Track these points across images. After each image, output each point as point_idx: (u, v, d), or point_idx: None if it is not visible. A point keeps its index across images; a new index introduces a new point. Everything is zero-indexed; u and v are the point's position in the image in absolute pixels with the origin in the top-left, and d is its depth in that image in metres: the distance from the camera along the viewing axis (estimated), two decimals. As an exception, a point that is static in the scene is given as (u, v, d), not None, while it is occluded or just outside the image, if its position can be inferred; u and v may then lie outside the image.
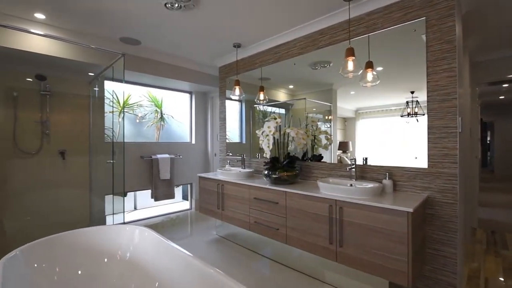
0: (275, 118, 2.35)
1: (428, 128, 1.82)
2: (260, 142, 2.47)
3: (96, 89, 3.19)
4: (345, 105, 2.35)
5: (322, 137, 2.49)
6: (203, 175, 2.99)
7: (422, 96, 1.86)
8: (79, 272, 1.46)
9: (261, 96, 2.92)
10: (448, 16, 1.73)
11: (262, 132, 2.44)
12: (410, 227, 1.45)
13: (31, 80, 2.77)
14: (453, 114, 1.72)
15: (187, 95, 4.36)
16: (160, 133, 4.20)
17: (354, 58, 1.86)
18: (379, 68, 2.05)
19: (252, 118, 3.29)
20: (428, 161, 1.82)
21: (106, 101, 3.33)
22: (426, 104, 1.84)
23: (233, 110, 3.54)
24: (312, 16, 2.32)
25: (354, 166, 2.06)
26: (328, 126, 2.45)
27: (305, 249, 1.97)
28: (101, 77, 3.08)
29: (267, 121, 2.40)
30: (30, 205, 2.73)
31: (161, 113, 4.18)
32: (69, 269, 1.46)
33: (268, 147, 2.29)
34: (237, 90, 2.90)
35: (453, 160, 1.72)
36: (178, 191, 4.47)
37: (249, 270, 2.28)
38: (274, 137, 2.34)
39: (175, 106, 4.32)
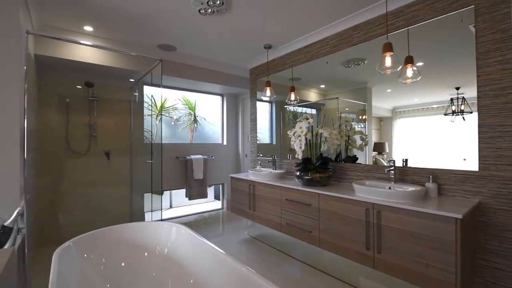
0: (307, 118, 2.31)
1: (479, 127, 1.66)
2: (291, 142, 2.45)
3: (136, 94, 3.41)
4: (381, 104, 2.23)
5: (357, 137, 2.40)
6: (235, 175, 3.04)
7: (469, 92, 1.70)
8: (123, 264, 1.58)
9: (292, 97, 2.90)
10: (501, 2, 1.56)
11: (294, 133, 2.42)
12: (459, 235, 1.33)
13: (80, 87, 3.05)
14: (509, 111, 1.55)
15: (219, 98, 4.48)
16: (193, 134, 4.37)
17: (392, 53, 1.76)
18: (420, 64, 1.91)
19: (283, 119, 3.28)
20: (479, 163, 1.65)
21: (145, 105, 3.55)
22: (475, 101, 1.67)
23: (263, 111, 3.56)
24: (346, 12, 2.25)
25: (393, 168, 1.95)
26: (362, 126, 2.35)
27: (339, 254, 1.91)
28: (140, 83, 3.29)
29: (298, 121, 2.37)
30: (79, 200, 3.00)
31: (195, 116, 4.34)
32: (114, 260, 1.58)
33: (300, 148, 2.26)
34: (268, 91, 2.90)
35: (509, 162, 1.54)
36: (210, 191, 4.59)
37: (280, 271, 2.26)
38: (306, 138, 2.30)
39: (208, 108, 4.46)
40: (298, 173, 2.30)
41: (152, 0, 2.04)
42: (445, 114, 1.82)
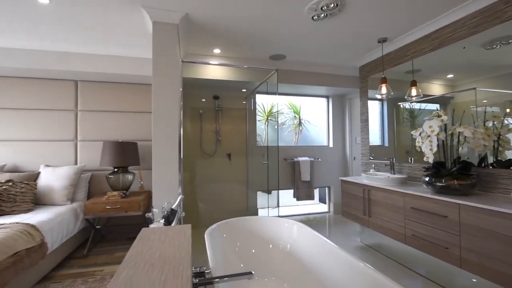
0: (439, 116, 1.99)
1: None
2: (417, 144, 2.17)
3: (247, 102, 3.82)
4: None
5: (511, 136, 1.89)
6: (346, 178, 2.94)
7: None
8: (253, 251, 1.80)
9: (413, 92, 2.58)
10: None
11: (420, 133, 2.13)
12: None
13: (204, 100, 3.69)
14: None
15: (324, 99, 4.44)
16: (298, 137, 4.50)
17: None
18: None
19: (396, 118, 2.94)
20: None
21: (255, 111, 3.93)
22: None
23: (372, 110, 3.29)
24: (493, -17, 1.83)
25: None
26: (519, 121, 1.83)
27: (491, 280, 1.55)
28: (253, 92, 3.67)
29: (427, 119, 2.07)
30: (208, 193, 3.61)
31: (300, 119, 4.47)
32: (245, 246, 1.83)
33: (431, 149, 1.97)
34: (384, 88, 2.68)
35: None
36: (315, 194, 4.59)
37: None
38: (437, 138, 1.99)
39: (312, 111, 4.50)
40: (427, 179, 2.02)
41: (268, 17, 2.25)
42: None
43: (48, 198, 2.71)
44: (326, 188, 4.38)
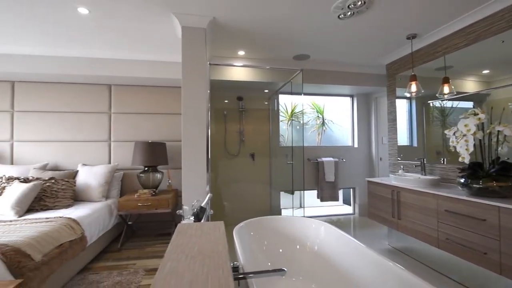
0: (476, 114, 1.89)
1: None
2: (451, 144, 2.07)
3: (272, 102, 3.85)
4: None
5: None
6: (373, 179, 2.87)
7: None
8: (280, 250, 1.82)
9: (445, 89, 2.47)
10: None
11: (454, 132, 2.04)
12: None
13: (227, 101, 3.75)
14: None
15: (348, 99, 4.35)
16: (321, 137, 4.44)
17: None
18: None
19: (426, 117, 2.82)
20: None
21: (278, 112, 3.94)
22: None
23: (400, 110, 3.18)
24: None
25: None
26: None
27: (538, 289, 1.45)
28: (276, 93, 3.69)
29: (462, 118, 1.98)
30: (231, 193, 3.67)
31: (323, 119, 4.41)
32: (273, 245, 1.85)
33: (467, 150, 1.88)
34: (414, 86, 2.59)
35: None
36: (339, 195, 4.51)
37: (439, 294, 1.95)
38: (474, 138, 1.89)
39: (336, 110, 4.43)
40: (462, 180, 1.92)
41: (293, 18, 2.26)
42: None
43: (85, 195, 2.91)
44: (351, 189, 4.29)
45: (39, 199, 2.54)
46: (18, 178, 2.65)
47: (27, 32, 2.52)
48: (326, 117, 4.43)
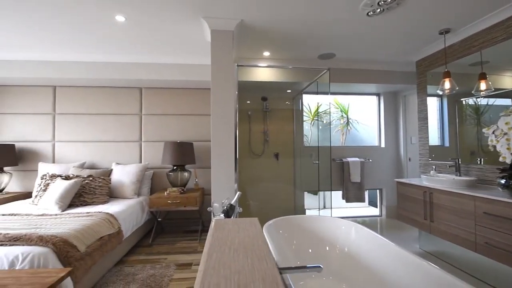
0: (518, 111, 1.79)
1: None
2: (490, 143, 1.97)
3: (296, 102, 3.84)
4: None
5: None
6: (402, 180, 2.78)
7: None
8: (310, 250, 1.83)
9: (482, 86, 2.35)
10: None
11: (494, 131, 1.94)
12: None
13: (249, 102, 3.80)
14: None
15: (374, 97, 4.24)
16: (345, 137, 4.37)
17: None
18: None
19: (459, 116, 2.69)
20: None
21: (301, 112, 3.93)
22: None
23: (430, 108, 3.05)
24: None
25: None
26: None
27: None
28: (300, 92, 3.68)
29: (503, 115, 1.87)
30: (256, 192, 3.71)
31: (347, 118, 4.34)
32: (302, 244, 1.86)
33: (508, 149, 1.78)
34: (447, 83, 2.48)
35: None
36: (365, 196, 4.41)
37: (478, 300, 1.86)
38: (516, 136, 1.79)
39: (361, 109, 4.33)
40: (503, 181, 1.82)
41: (321, 17, 2.26)
42: None
43: (119, 192, 3.08)
44: (378, 191, 4.18)
45: (79, 195, 2.73)
46: (60, 176, 2.87)
47: (67, 40, 2.72)
48: (351, 116, 4.35)
